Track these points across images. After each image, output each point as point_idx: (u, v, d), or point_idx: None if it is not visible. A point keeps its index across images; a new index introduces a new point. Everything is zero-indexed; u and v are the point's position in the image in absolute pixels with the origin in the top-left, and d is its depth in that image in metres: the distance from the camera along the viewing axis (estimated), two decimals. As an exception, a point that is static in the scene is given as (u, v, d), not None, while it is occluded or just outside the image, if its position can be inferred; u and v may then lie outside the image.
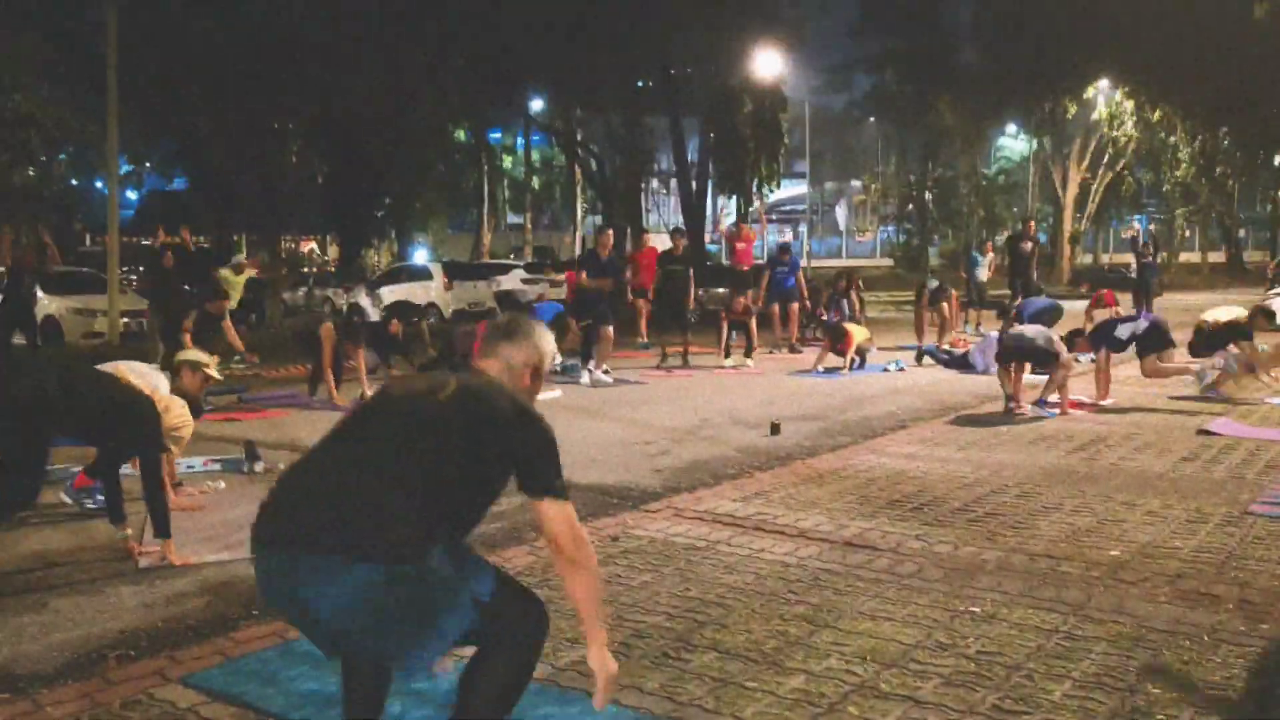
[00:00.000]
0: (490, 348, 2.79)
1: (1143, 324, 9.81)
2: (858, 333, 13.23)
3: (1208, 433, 7.90)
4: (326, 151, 22.91)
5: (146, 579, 4.65)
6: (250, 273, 15.41)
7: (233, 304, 11.83)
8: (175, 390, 5.93)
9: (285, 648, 3.64)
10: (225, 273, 14.91)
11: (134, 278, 21.51)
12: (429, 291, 23.97)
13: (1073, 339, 10.10)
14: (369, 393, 10.35)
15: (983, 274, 19.13)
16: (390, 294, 22.50)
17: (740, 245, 16.19)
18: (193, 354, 6.63)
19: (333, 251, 35.81)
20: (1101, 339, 9.71)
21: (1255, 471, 6.53)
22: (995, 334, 10.53)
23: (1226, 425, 8.20)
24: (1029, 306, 14.25)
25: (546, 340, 2.85)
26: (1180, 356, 10.06)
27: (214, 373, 6.54)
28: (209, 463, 7.08)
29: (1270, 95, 27.12)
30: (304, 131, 22.51)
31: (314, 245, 42.00)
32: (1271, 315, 9.77)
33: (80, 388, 4.84)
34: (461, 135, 39.06)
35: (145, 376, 5.73)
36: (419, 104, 23.40)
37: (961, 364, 12.61)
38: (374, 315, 13.90)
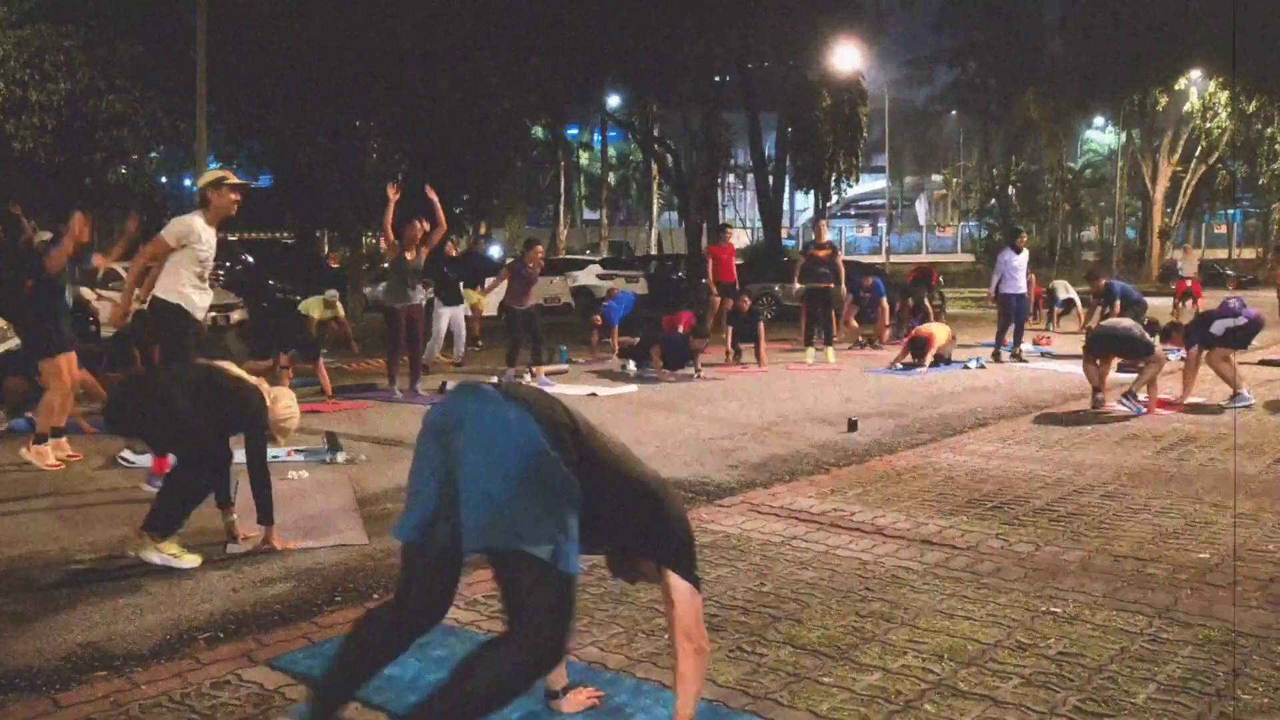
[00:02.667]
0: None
1: (1242, 320, 9.37)
2: (939, 333, 13.04)
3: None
4: (408, 150, 23.24)
5: (235, 564, 4.79)
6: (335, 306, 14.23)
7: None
8: None
9: (367, 633, 3.72)
10: (314, 303, 13.87)
11: (221, 273, 22.10)
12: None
13: (1169, 332, 9.83)
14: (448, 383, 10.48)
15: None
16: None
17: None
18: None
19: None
20: (1196, 335, 9.38)
21: (1354, 474, 6.31)
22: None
23: (1324, 426, 7.92)
24: (1116, 286, 13.95)
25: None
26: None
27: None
28: (292, 453, 7.25)
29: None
30: (385, 130, 22.86)
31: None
32: None
33: (213, 377, 5.01)
34: (539, 132, 39.36)
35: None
36: (498, 102, 23.60)
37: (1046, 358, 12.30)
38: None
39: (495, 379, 10.76)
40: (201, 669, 3.46)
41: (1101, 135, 51.94)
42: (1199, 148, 38.89)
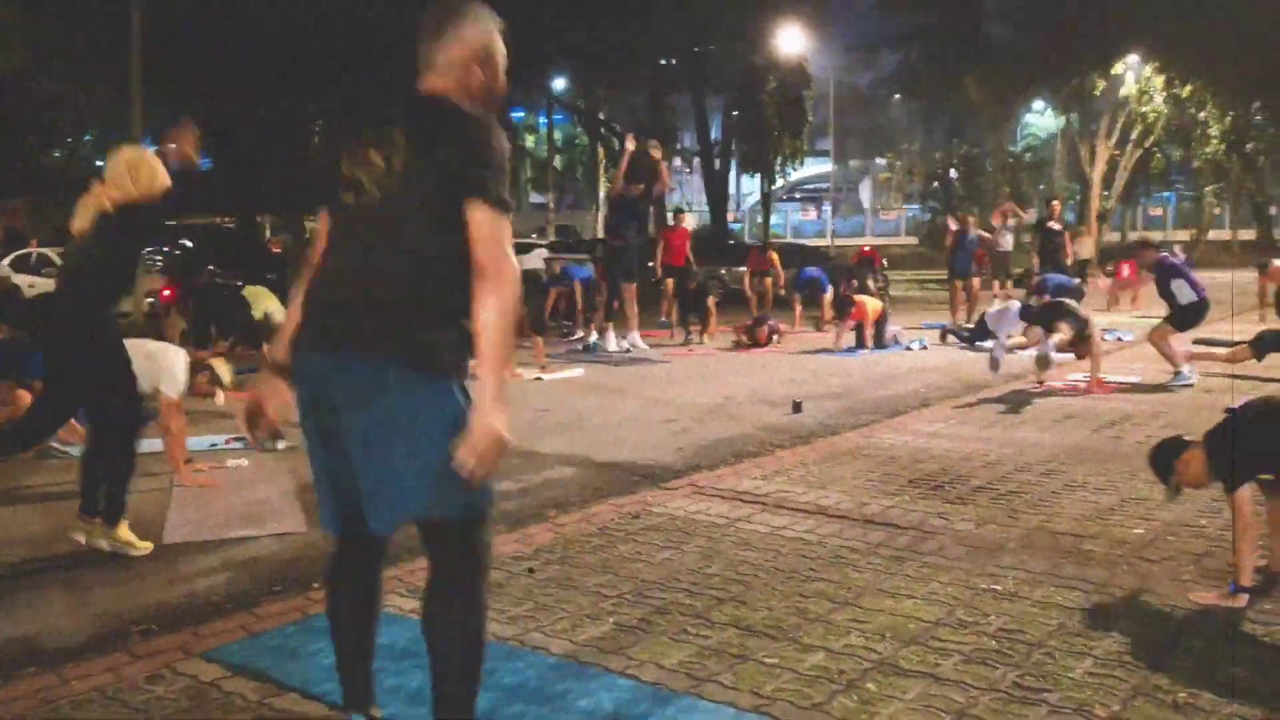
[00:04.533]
0: (425, 58, 2.50)
1: (1195, 296, 9.46)
2: (869, 304, 13.19)
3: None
4: (351, 132, 23.03)
5: (171, 555, 4.70)
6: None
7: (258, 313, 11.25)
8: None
9: (306, 623, 3.66)
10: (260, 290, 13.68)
11: (159, 258, 21.66)
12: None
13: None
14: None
15: (1007, 243, 18.70)
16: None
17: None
18: (224, 369, 6.62)
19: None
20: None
21: (1284, 450, 6.45)
22: (1016, 304, 10.42)
23: (1254, 403, 8.09)
24: (1051, 280, 14.07)
25: (484, 17, 2.54)
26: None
27: (223, 394, 6.59)
28: (230, 441, 7.13)
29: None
30: (330, 112, 22.56)
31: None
32: None
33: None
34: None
35: (156, 358, 5.77)
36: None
37: (980, 334, 12.46)
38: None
39: None
40: (136, 662, 3.39)
41: (1041, 119, 52.63)
42: (1135, 132, 39.58)
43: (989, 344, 11.52)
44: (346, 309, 2.38)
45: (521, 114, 49.67)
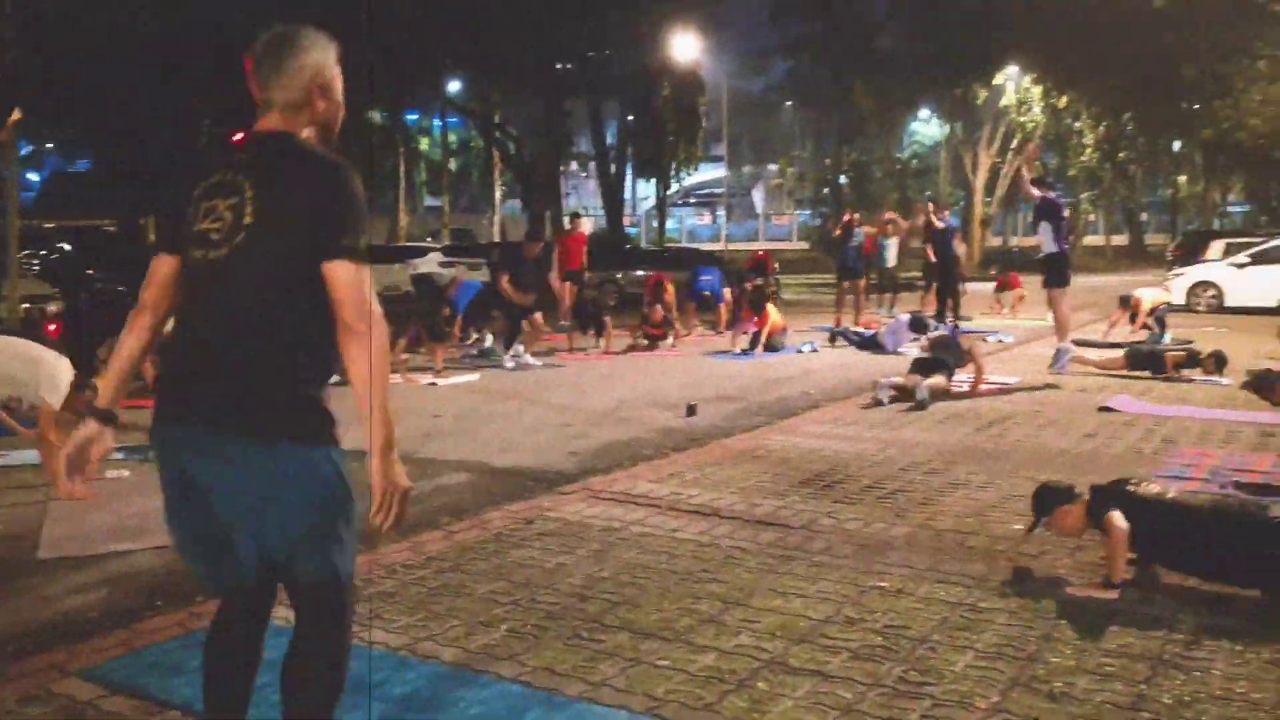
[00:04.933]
0: (264, 93, 2.38)
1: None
2: (773, 313, 13.44)
3: (1109, 409, 8.15)
4: (241, 130, 22.38)
5: (46, 570, 4.52)
6: None
7: None
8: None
9: (189, 638, 3.56)
10: None
11: (36, 263, 20.79)
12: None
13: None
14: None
15: (891, 257, 19.34)
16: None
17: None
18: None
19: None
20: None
21: (1152, 447, 6.76)
22: (905, 316, 10.74)
23: (1126, 402, 8.47)
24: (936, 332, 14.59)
25: (321, 44, 2.44)
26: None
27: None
28: (113, 451, 6.87)
29: (1170, 83, 28.04)
30: (219, 111, 21.90)
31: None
32: (1223, 363, 9.85)
33: None
34: (377, 117, 38.41)
35: (33, 362, 5.54)
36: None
37: (872, 345, 12.86)
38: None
39: None
40: (7, 684, 3.25)
41: (926, 127, 54.10)
42: (1015, 140, 40.96)
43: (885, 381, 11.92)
44: (204, 380, 2.28)
45: (416, 116, 49.03)
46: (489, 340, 12.98)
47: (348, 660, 2.43)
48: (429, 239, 40.37)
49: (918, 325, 12.79)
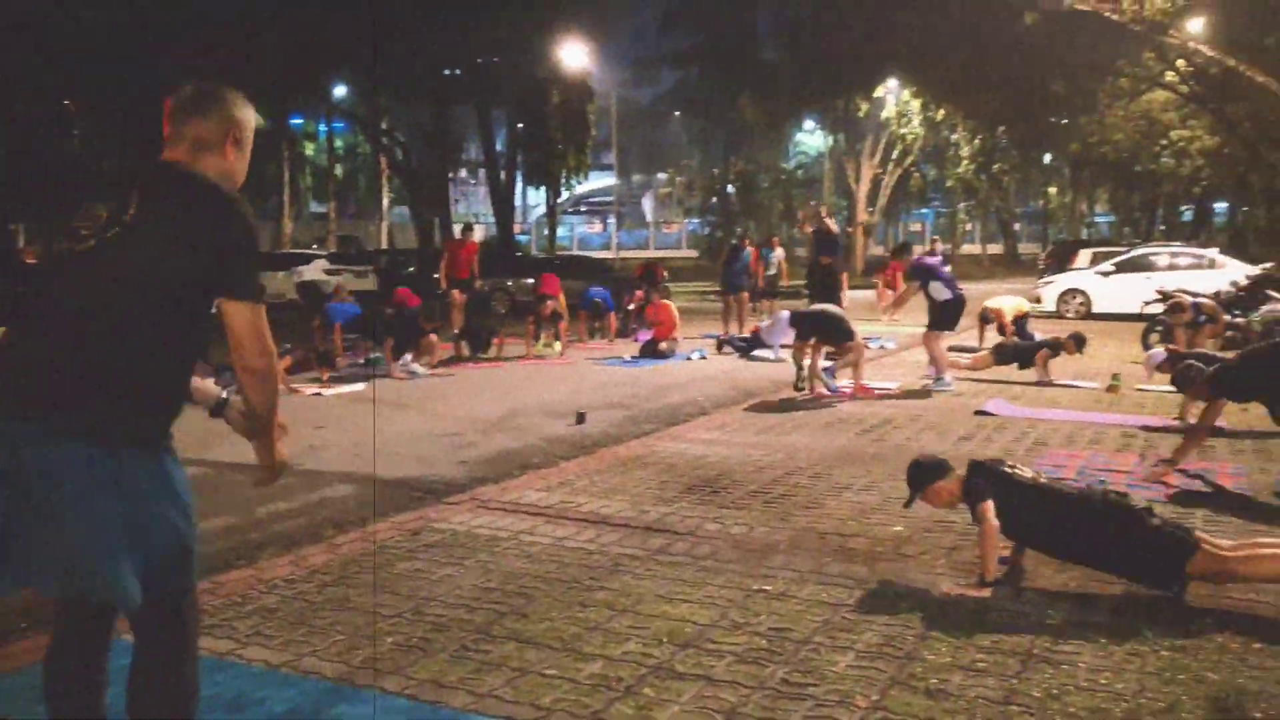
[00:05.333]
0: (178, 129, 2.44)
1: (949, 295, 10.13)
2: (673, 309, 13.87)
3: (984, 413, 8.44)
4: (115, 135, 21.49)
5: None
6: None
7: None
8: None
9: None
10: None
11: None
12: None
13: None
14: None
15: (773, 267, 20.07)
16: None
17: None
18: None
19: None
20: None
21: (1025, 448, 7.03)
22: (785, 314, 10.95)
23: (1000, 406, 8.78)
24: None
25: (243, 106, 2.54)
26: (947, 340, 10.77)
27: None
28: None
29: (1040, 99, 29.20)
30: (91, 112, 21.08)
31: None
32: (1082, 341, 10.39)
33: None
34: (261, 120, 37.51)
35: None
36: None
37: (755, 344, 13.14)
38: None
39: None
40: None
41: (811, 138, 55.25)
42: (896, 151, 42.11)
43: (769, 353, 12.15)
44: (59, 379, 2.20)
45: (300, 121, 48.00)
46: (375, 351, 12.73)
47: (197, 681, 2.43)
48: (314, 246, 39.55)
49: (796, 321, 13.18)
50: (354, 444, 7.71)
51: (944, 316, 10.12)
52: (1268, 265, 16.90)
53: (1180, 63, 26.02)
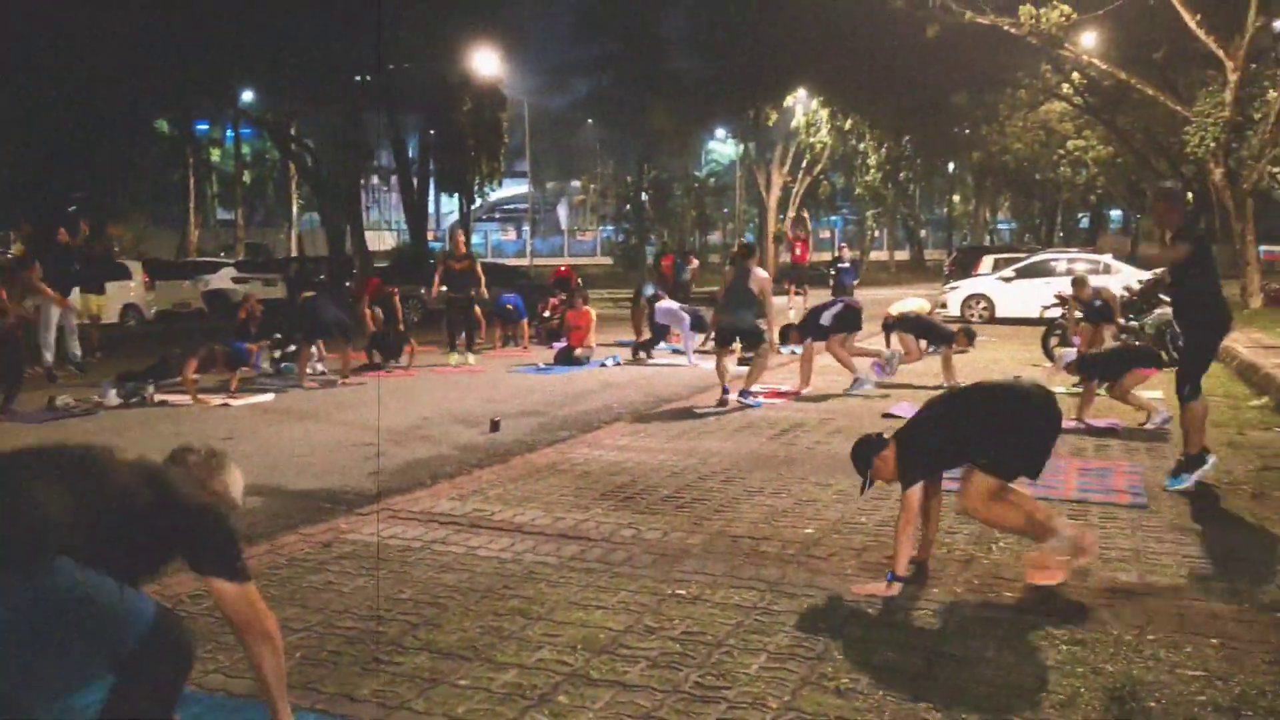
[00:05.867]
0: (187, 466, 2.81)
1: (839, 306, 10.64)
2: (591, 313, 14.04)
3: (892, 415, 8.61)
4: (11, 138, 20.75)
5: None
6: None
7: None
8: None
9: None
10: None
11: None
12: (127, 291, 22.30)
13: (786, 333, 10.82)
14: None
15: (686, 275, 20.77)
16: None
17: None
18: None
19: (16, 248, 32.67)
20: (808, 329, 10.45)
21: (930, 450, 7.18)
22: (682, 309, 11.30)
23: (907, 408, 8.95)
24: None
25: (237, 484, 2.91)
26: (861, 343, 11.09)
27: None
28: None
29: (944, 107, 29.95)
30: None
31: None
32: (972, 335, 11.01)
33: None
34: (165, 127, 36.57)
35: None
36: (117, 92, 21.68)
37: (658, 333, 13.54)
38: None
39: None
40: None
41: (723, 146, 55.84)
42: (805, 160, 42.77)
43: (682, 360, 12.32)
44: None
45: (206, 126, 46.93)
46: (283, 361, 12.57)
47: None
48: (222, 254, 38.70)
49: (698, 322, 13.84)
50: (263, 455, 7.56)
51: (843, 323, 10.41)
52: (1158, 270, 17.54)
53: (1075, 75, 26.93)
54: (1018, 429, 4.27)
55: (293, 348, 12.43)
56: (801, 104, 40.42)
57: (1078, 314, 11.49)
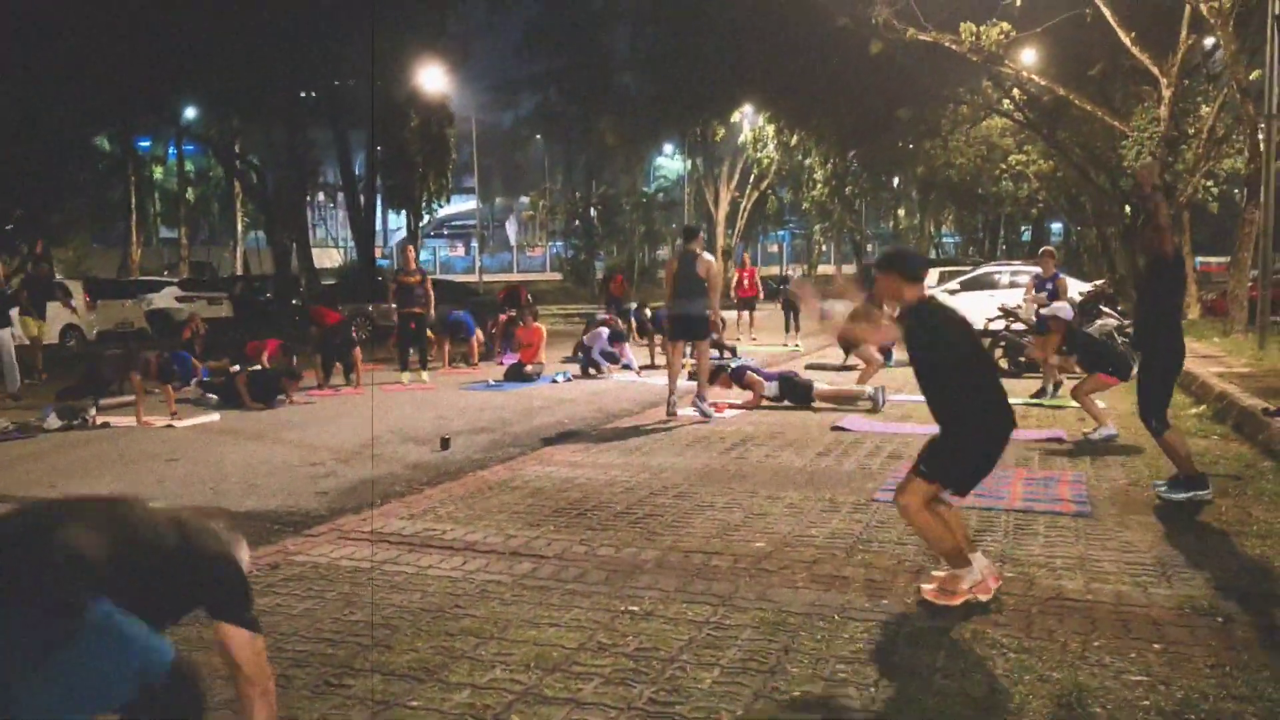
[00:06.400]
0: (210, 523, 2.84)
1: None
2: (543, 331, 14.17)
3: (840, 429, 8.69)
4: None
5: None
6: None
7: None
8: None
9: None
10: None
11: None
12: (68, 311, 21.87)
13: (714, 375, 10.82)
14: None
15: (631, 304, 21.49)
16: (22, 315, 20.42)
17: None
18: None
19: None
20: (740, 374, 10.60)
21: (879, 463, 7.26)
22: (606, 330, 11.66)
23: (855, 421, 9.05)
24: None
25: (246, 559, 2.90)
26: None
27: None
28: None
29: (888, 123, 30.29)
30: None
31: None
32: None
33: None
34: (105, 143, 35.98)
35: None
36: (55, 107, 21.30)
37: (587, 357, 14.02)
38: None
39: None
40: None
41: (671, 162, 56.12)
42: (753, 175, 43.10)
43: (630, 375, 12.39)
44: None
45: (148, 144, 46.23)
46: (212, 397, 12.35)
47: None
48: (165, 272, 38.10)
49: (616, 337, 14.75)
50: (208, 476, 7.45)
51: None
52: (1099, 282, 17.86)
53: (1015, 91, 27.40)
54: (978, 445, 4.29)
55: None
56: (748, 120, 40.74)
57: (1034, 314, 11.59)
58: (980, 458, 4.25)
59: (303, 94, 32.12)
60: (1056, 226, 56.36)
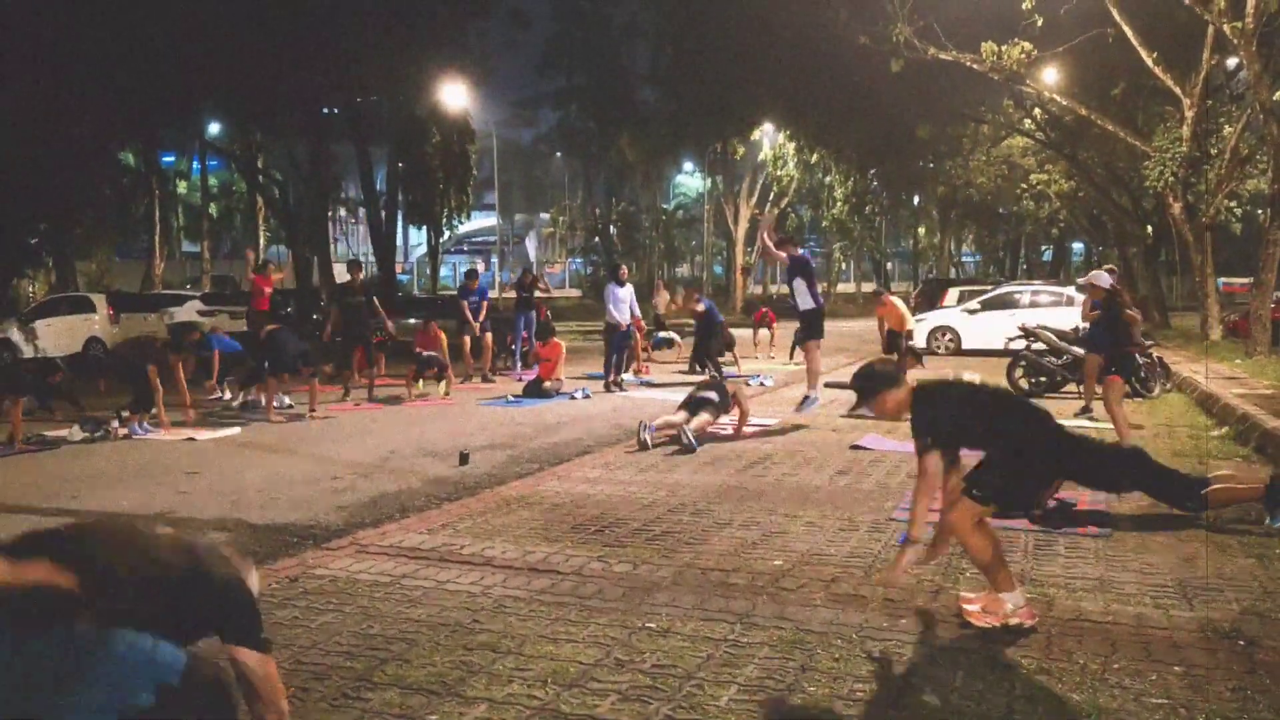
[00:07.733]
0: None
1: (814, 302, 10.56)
2: (562, 346, 14.10)
3: (859, 448, 8.67)
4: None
5: None
6: None
7: None
8: None
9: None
10: None
11: None
12: (91, 324, 22.08)
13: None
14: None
15: (660, 307, 21.94)
16: (46, 328, 20.64)
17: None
18: None
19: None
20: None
21: (898, 481, 7.24)
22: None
23: (875, 440, 9.03)
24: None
25: (255, 583, 2.91)
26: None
27: None
28: None
29: (909, 141, 30.30)
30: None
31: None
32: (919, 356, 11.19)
33: None
34: (130, 158, 36.36)
35: None
36: (80, 121, 21.54)
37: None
38: (28, 351, 12.80)
39: None
40: None
41: (690, 179, 56.28)
42: (772, 193, 43.12)
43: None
44: None
45: (172, 158, 46.72)
46: (248, 396, 12.52)
47: None
48: (188, 286, 38.41)
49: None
50: (229, 489, 7.50)
51: (815, 324, 10.47)
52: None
53: (1037, 111, 27.38)
54: (1043, 464, 4.28)
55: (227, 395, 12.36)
56: (768, 137, 40.80)
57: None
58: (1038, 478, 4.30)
59: (325, 110, 32.38)
60: (1078, 246, 56.14)
